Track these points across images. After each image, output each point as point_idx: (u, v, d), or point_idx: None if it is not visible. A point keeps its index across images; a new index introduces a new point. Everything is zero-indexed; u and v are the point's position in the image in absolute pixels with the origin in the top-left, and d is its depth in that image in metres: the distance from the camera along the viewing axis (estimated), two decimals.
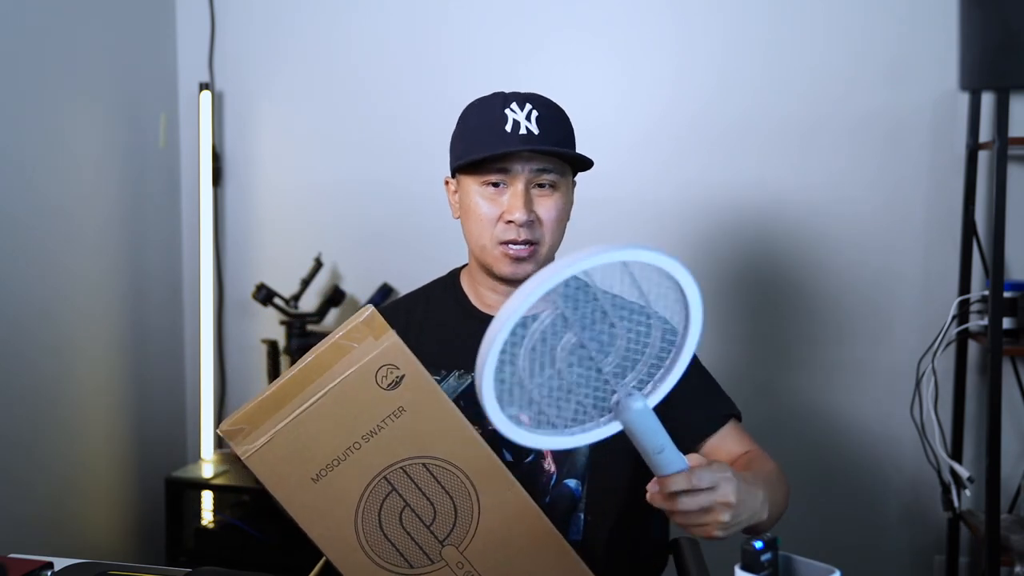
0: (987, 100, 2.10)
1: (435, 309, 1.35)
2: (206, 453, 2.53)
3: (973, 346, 2.17)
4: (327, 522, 0.99)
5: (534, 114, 1.21)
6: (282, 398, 0.96)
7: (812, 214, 2.24)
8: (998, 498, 1.88)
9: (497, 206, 1.22)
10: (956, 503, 2.10)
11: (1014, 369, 2.13)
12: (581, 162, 1.24)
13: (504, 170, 1.21)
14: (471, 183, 1.24)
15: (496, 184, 1.22)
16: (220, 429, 0.97)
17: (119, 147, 2.37)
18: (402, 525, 1.00)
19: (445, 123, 1.35)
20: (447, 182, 1.33)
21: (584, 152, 1.23)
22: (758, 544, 0.84)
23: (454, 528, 1.01)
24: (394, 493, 0.99)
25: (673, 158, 2.30)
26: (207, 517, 2.35)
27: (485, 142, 1.21)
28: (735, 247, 2.29)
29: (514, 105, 1.22)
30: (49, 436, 2.14)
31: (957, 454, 2.15)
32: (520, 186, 1.21)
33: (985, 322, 2.01)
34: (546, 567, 1.03)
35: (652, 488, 0.92)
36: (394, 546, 1.00)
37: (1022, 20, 1.73)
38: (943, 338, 2.13)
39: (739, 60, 2.26)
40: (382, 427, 0.97)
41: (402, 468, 0.99)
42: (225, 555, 2.26)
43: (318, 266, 2.40)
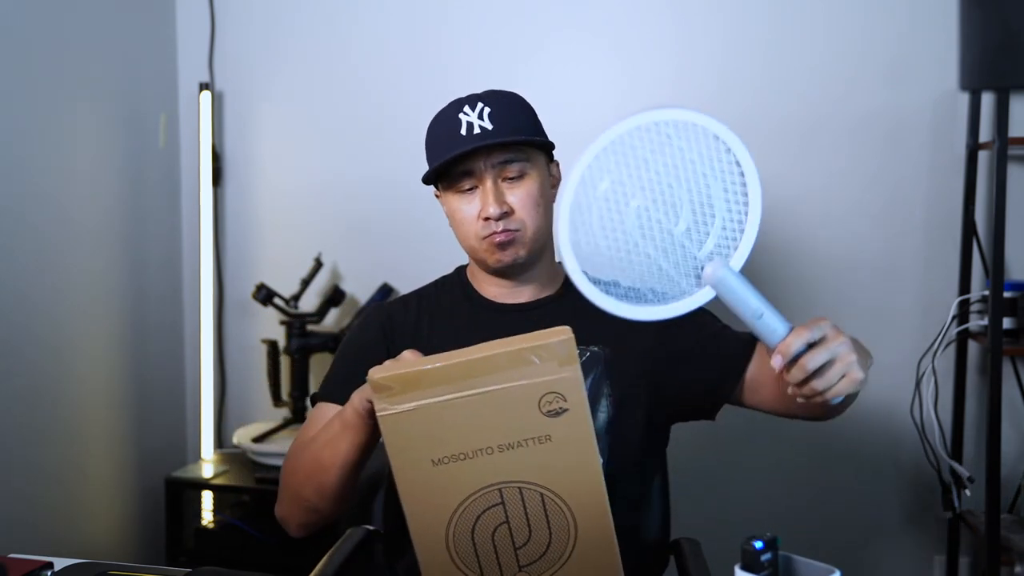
0: (987, 100, 2.09)
1: (445, 298, 1.40)
2: (206, 453, 2.53)
3: (973, 346, 2.17)
4: (426, 505, 0.99)
5: (486, 111, 1.25)
6: (443, 378, 0.95)
7: (812, 214, 2.24)
8: (998, 498, 1.88)
9: (474, 207, 1.27)
10: (956, 503, 2.10)
11: (1014, 369, 2.13)
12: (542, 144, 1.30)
13: (469, 172, 1.26)
14: (448, 193, 1.30)
15: (469, 188, 1.27)
16: (371, 376, 0.95)
17: (119, 147, 2.37)
18: (492, 537, 1.00)
19: None
20: (436, 195, 1.37)
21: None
22: (758, 544, 0.84)
23: (540, 560, 1.01)
24: (500, 506, 0.99)
25: None
26: (207, 517, 2.36)
27: (443, 150, 1.26)
28: None
29: (467, 108, 1.27)
30: (49, 436, 2.14)
31: (957, 454, 2.15)
32: (488, 183, 1.26)
33: (985, 322, 2.01)
34: None
35: (776, 362, 0.97)
36: (476, 552, 1.00)
37: (1022, 20, 1.73)
38: (943, 338, 2.13)
39: (739, 60, 2.26)
40: (522, 445, 0.97)
41: (519, 488, 0.99)
42: (225, 555, 2.26)
43: (318, 266, 2.40)
